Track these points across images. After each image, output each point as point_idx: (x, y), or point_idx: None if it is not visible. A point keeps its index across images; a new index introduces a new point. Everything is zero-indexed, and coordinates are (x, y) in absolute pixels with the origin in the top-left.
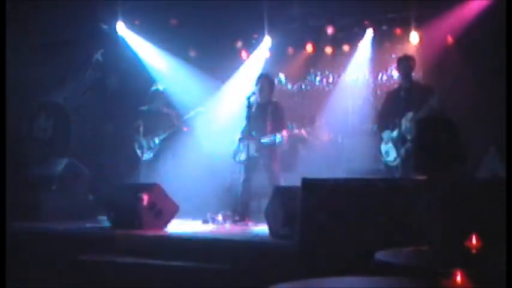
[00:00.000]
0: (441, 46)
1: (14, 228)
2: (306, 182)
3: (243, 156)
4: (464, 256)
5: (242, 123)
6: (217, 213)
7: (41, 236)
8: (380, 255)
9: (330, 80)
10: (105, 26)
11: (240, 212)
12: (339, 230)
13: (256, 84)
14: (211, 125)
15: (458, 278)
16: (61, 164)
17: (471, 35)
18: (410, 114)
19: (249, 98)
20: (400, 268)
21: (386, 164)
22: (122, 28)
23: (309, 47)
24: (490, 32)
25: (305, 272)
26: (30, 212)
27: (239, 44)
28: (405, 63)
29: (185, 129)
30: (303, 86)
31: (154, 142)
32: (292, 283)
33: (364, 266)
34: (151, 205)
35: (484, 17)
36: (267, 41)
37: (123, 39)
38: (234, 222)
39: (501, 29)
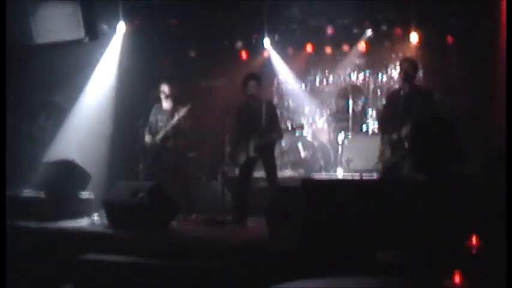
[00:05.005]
0: (441, 46)
1: (14, 228)
2: (306, 182)
3: (241, 157)
4: (464, 256)
5: (236, 124)
6: (217, 213)
7: (40, 236)
8: (380, 255)
9: (330, 80)
10: (105, 26)
11: (240, 212)
12: (339, 230)
13: (245, 85)
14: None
15: (458, 278)
16: (61, 164)
17: (471, 34)
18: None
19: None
20: (400, 268)
21: (384, 164)
22: (122, 28)
23: (309, 47)
24: (490, 32)
25: (305, 272)
26: (29, 212)
27: (239, 44)
28: (407, 65)
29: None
30: (303, 86)
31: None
32: (292, 283)
33: (364, 266)
34: (152, 205)
35: (483, 16)
36: (266, 42)
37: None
38: (234, 222)
39: (501, 28)
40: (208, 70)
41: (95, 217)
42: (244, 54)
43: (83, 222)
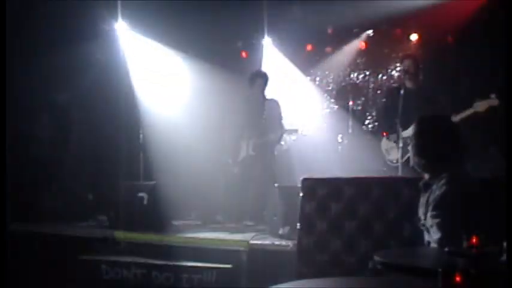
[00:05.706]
0: (441, 46)
1: (13, 228)
2: (306, 182)
3: (241, 155)
4: (464, 256)
5: (240, 121)
6: (217, 213)
7: (41, 236)
8: (380, 256)
9: (330, 79)
10: (105, 26)
11: (239, 212)
12: (339, 230)
13: (252, 82)
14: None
15: (458, 278)
16: (62, 164)
17: (471, 34)
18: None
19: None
20: (400, 268)
21: (389, 163)
22: (122, 28)
23: (309, 47)
24: (489, 31)
25: (305, 272)
26: (30, 212)
27: (239, 44)
28: (407, 62)
29: None
30: (303, 86)
31: None
32: (292, 283)
33: (365, 266)
34: (151, 205)
35: (484, 15)
36: (267, 41)
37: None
38: (232, 222)
39: (501, 28)
40: (207, 70)
41: (95, 217)
42: (244, 54)
43: (83, 223)
